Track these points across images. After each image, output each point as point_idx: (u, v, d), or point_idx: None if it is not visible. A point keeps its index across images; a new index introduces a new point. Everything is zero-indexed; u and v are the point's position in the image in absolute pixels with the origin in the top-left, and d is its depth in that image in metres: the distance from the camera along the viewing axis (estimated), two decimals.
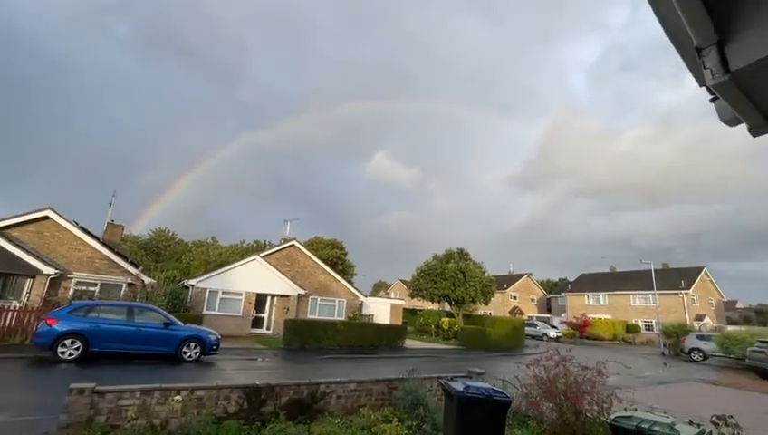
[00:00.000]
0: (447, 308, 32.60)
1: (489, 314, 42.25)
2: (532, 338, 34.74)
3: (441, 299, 30.44)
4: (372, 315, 26.30)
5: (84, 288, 17.31)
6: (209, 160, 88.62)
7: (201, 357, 12.30)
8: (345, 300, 26.07)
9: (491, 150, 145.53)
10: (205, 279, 21.18)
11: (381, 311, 27.57)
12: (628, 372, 15.66)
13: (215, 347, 12.68)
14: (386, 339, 21.00)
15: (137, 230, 52.55)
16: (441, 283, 29.02)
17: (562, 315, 48.60)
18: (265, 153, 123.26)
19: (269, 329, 23.26)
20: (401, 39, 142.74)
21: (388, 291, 72.13)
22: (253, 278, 22.06)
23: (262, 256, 23.66)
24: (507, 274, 60.78)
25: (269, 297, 23.68)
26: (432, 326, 29.45)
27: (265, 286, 22.49)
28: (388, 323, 25.92)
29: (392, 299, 33.32)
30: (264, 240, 48.17)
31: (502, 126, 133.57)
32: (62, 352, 10.56)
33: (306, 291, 23.80)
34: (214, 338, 12.73)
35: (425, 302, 32.63)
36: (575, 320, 42.27)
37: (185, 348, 12.05)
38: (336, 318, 24.14)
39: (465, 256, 30.59)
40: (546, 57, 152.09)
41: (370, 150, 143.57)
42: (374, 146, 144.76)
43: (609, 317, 43.45)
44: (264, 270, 22.59)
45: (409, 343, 22.97)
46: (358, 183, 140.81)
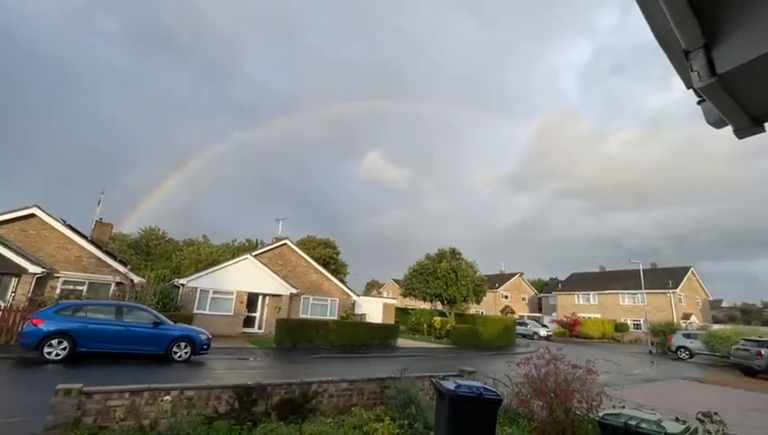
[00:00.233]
0: (440, 307, 32.74)
1: (481, 313, 42.55)
2: (523, 337, 35.04)
3: (433, 298, 30.53)
4: (365, 315, 26.29)
5: (72, 287, 17.01)
6: (200, 159, 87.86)
7: (192, 357, 12.19)
8: (337, 299, 26.01)
9: (483, 151, 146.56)
10: (195, 278, 20.98)
11: (374, 310, 27.60)
12: (617, 371, 15.93)
13: (205, 347, 12.58)
14: (378, 338, 21.01)
15: (126, 229, 51.88)
16: (433, 282, 29.12)
17: (553, 314, 49.11)
18: (257, 152, 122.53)
19: (261, 328, 23.11)
20: (394, 39, 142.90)
21: (381, 290, 72.22)
22: (244, 277, 21.89)
23: (254, 254, 23.51)
24: (499, 273, 61.22)
25: (261, 296, 23.52)
26: (424, 325, 29.57)
27: (257, 286, 22.34)
28: (380, 322, 25.97)
29: (385, 298, 33.38)
30: (256, 239, 47.92)
31: (494, 127, 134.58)
32: (48, 353, 10.38)
33: (298, 290, 23.69)
34: (204, 338, 12.62)
35: (417, 301, 32.69)
36: (565, 319, 42.82)
37: (175, 348, 11.94)
38: (328, 317, 24.06)
39: (458, 256, 30.72)
40: (537, 59, 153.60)
41: (363, 150, 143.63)
42: (367, 145, 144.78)
43: (599, 316, 44.06)
44: (256, 269, 22.43)
45: (402, 342, 23.00)
46: (351, 182, 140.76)
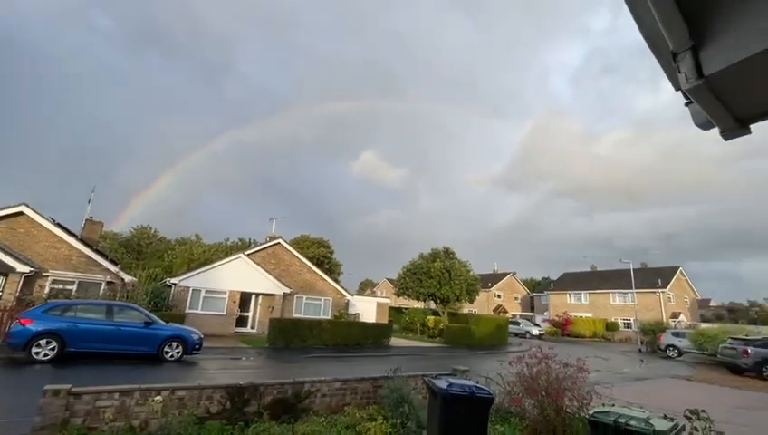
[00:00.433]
0: (433, 307, 32.81)
1: (474, 312, 42.78)
2: (516, 336, 35.28)
3: (427, 298, 30.63)
4: (358, 314, 26.28)
5: (61, 287, 16.77)
6: (193, 159, 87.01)
7: (183, 357, 12.10)
8: (331, 299, 25.96)
9: (477, 151, 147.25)
10: (188, 277, 20.81)
11: (367, 309, 27.57)
12: (608, 369, 16.12)
13: (197, 346, 12.48)
14: (372, 337, 21.01)
15: (117, 227, 51.19)
16: (427, 281, 29.20)
17: (545, 314, 49.49)
18: (251, 152, 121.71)
19: (254, 328, 22.98)
20: (388, 39, 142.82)
21: (375, 290, 72.21)
22: (237, 277, 21.74)
23: (246, 254, 23.36)
24: (492, 272, 61.50)
25: (254, 296, 23.39)
26: (418, 325, 29.66)
27: (250, 285, 22.21)
28: (374, 321, 25.94)
29: (378, 298, 33.36)
30: (249, 238, 47.65)
31: (487, 127, 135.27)
32: (36, 353, 10.23)
33: (292, 289, 23.60)
34: (196, 337, 12.52)
35: (411, 300, 32.76)
36: (557, 318, 43.22)
37: (166, 347, 11.83)
38: (322, 317, 23.99)
39: (451, 255, 30.83)
40: (530, 60, 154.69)
41: (358, 150, 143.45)
42: (361, 145, 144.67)
43: (590, 315, 44.50)
44: (249, 268, 22.30)
45: (395, 341, 23.03)
46: (345, 182, 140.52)
